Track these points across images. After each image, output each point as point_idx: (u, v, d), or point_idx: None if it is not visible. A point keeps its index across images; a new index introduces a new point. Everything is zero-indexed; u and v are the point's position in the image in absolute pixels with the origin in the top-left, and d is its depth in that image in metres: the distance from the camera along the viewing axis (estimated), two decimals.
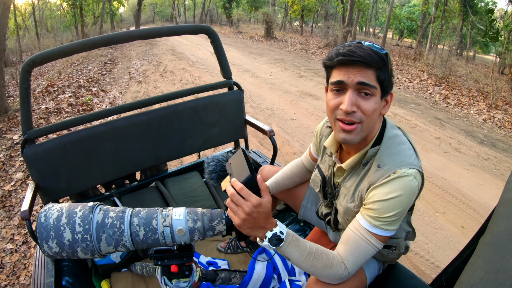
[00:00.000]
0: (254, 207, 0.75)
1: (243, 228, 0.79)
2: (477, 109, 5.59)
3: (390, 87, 0.85)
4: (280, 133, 4.08)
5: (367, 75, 0.79)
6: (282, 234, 0.80)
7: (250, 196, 0.76)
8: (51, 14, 25.40)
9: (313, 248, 0.84)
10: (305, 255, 0.83)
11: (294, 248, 0.82)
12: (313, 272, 0.86)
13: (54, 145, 1.45)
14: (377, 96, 0.81)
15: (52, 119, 4.54)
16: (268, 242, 0.80)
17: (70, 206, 0.76)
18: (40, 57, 1.34)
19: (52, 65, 9.23)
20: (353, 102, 0.79)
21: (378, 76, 0.80)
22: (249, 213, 0.75)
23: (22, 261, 2.18)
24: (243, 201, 0.76)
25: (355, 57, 0.77)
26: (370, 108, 0.80)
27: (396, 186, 0.81)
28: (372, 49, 0.79)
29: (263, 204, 0.76)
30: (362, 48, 0.78)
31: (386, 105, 0.88)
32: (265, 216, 0.78)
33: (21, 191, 2.93)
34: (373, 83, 0.79)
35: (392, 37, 24.41)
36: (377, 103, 0.82)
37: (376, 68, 0.79)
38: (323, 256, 0.84)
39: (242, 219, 0.77)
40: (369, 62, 0.77)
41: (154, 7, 36.65)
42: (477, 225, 2.49)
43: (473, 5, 11.64)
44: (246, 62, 8.80)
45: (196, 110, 1.83)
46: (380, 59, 0.78)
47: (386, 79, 0.82)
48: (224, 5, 22.51)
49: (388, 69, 0.82)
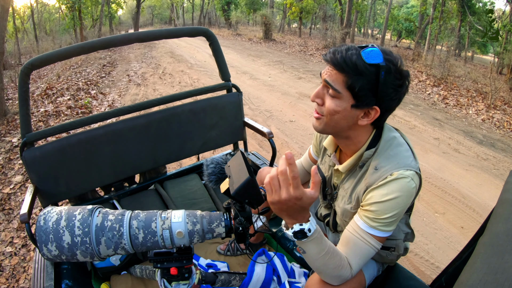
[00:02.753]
0: (294, 198, 0.70)
1: (273, 208, 0.76)
2: (476, 109, 5.60)
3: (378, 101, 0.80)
4: (279, 135, 4.09)
5: (335, 77, 0.80)
6: (310, 231, 0.77)
7: (298, 187, 0.69)
8: (49, 17, 25.41)
9: (331, 248, 0.83)
10: (323, 253, 0.81)
11: (315, 245, 0.80)
12: (323, 270, 0.84)
13: (53, 148, 1.45)
14: (343, 100, 0.80)
15: (51, 122, 4.54)
16: (291, 234, 0.78)
17: (69, 209, 0.76)
18: (39, 60, 1.34)
19: (51, 68, 9.22)
20: (318, 95, 0.86)
21: (347, 82, 0.78)
22: (287, 199, 0.70)
23: (22, 264, 2.17)
24: (287, 186, 0.70)
25: (327, 58, 0.81)
26: (329, 107, 0.82)
27: (393, 188, 0.81)
28: (355, 56, 0.76)
29: (304, 197, 0.70)
30: (346, 52, 0.78)
31: (366, 117, 0.83)
32: (301, 209, 0.74)
33: (20, 194, 2.92)
34: (337, 87, 0.80)
35: (390, 38, 24.48)
36: (340, 107, 0.81)
37: (346, 75, 0.78)
38: (337, 257, 0.83)
39: (276, 200, 0.72)
40: (339, 67, 0.78)
41: (152, 9, 36.69)
42: (476, 226, 2.49)
43: (471, 5, 11.70)
44: (244, 64, 8.81)
45: (195, 112, 1.84)
46: (352, 67, 0.76)
47: (360, 89, 0.77)
48: (223, 8, 22.58)
49: (373, 81, 0.77)
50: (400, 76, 0.79)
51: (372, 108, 0.82)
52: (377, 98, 0.79)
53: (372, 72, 0.76)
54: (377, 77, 0.77)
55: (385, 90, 0.78)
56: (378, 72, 0.76)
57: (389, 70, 0.77)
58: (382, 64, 0.76)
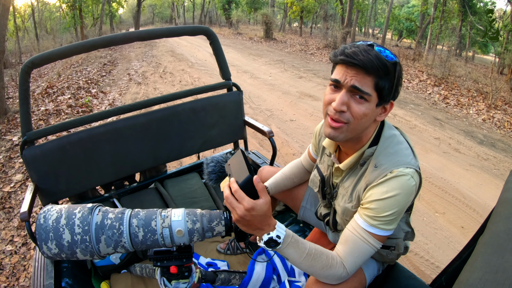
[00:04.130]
0: (247, 211, 0.74)
1: (240, 227, 0.80)
2: (477, 109, 5.60)
3: (392, 96, 0.83)
4: (280, 134, 4.09)
5: (364, 81, 0.78)
6: (279, 238, 0.80)
7: (243, 199, 0.74)
8: (50, 16, 25.40)
9: (313, 249, 0.84)
10: (304, 256, 0.83)
11: (293, 249, 0.82)
12: (312, 272, 0.86)
13: (53, 146, 1.45)
14: (371, 102, 0.80)
15: (51, 120, 4.54)
16: (264, 245, 0.81)
17: (69, 207, 0.76)
18: (40, 58, 1.34)
19: (52, 66, 9.23)
20: (343, 102, 0.80)
21: (376, 84, 0.78)
22: (242, 216, 0.75)
23: (22, 262, 2.17)
24: (236, 204, 0.75)
25: (356, 60, 0.76)
26: (359, 112, 0.80)
27: (393, 185, 0.81)
28: (379, 55, 0.77)
29: (257, 207, 0.74)
30: (368, 52, 0.76)
31: (384, 112, 0.86)
32: (261, 219, 0.77)
33: (21, 193, 2.93)
34: (367, 89, 0.78)
35: (391, 37, 24.46)
36: (369, 109, 0.80)
37: (375, 76, 0.78)
38: (322, 257, 0.84)
39: (236, 220, 0.77)
40: (368, 69, 0.76)
41: (153, 8, 36.70)
42: (476, 225, 2.49)
43: (472, 5, 11.67)
44: (245, 63, 8.81)
45: (196, 111, 1.84)
46: (383, 67, 0.76)
47: (386, 88, 0.79)
48: (223, 6, 22.57)
49: (393, 79, 0.80)
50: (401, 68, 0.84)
51: (389, 102, 0.85)
52: (393, 93, 0.83)
53: (393, 70, 0.80)
54: (395, 74, 0.80)
55: (398, 84, 0.83)
56: (396, 69, 0.80)
57: (401, 66, 0.82)
58: (398, 61, 0.81)
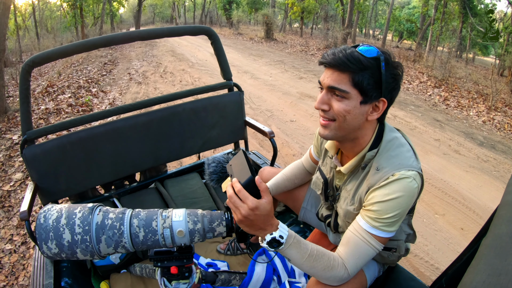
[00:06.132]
0: (251, 210, 0.74)
1: (243, 227, 0.79)
2: (477, 111, 5.60)
3: (383, 93, 0.82)
4: (280, 134, 4.08)
5: (339, 79, 0.80)
6: (282, 238, 0.80)
7: (247, 198, 0.75)
8: (51, 15, 25.42)
9: (314, 250, 0.84)
10: (306, 257, 0.82)
11: (295, 250, 0.82)
12: (314, 273, 0.86)
13: (53, 145, 1.45)
14: (352, 99, 0.81)
15: (51, 119, 4.54)
16: (267, 245, 0.80)
17: (70, 207, 0.76)
18: (40, 57, 1.34)
19: (52, 65, 9.23)
20: (323, 101, 0.84)
21: (352, 79, 0.79)
22: (246, 215, 0.75)
23: (21, 261, 2.17)
24: (240, 204, 0.75)
25: (328, 60, 0.81)
26: (340, 109, 0.82)
27: (395, 188, 0.81)
28: (353, 53, 0.79)
29: (260, 207, 0.75)
30: (343, 52, 0.79)
31: (375, 111, 0.85)
32: (264, 218, 0.77)
33: (20, 192, 2.92)
34: (344, 87, 0.80)
35: (391, 39, 24.46)
36: (350, 106, 0.81)
37: (350, 72, 0.79)
38: (324, 258, 0.84)
39: (239, 220, 0.77)
40: (340, 66, 0.79)
41: (154, 8, 36.69)
42: (476, 227, 2.49)
43: (473, 7, 11.67)
44: (246, 63, 8.80)
45: (196, 111, 1.83)
46: (355, 63, 0.78)
47: (367, 83, 0.79)
48: (224, 7, 22.57)
49: (377, 73, 0.80)
50: (396, 65, 0.84)
51: (379, 100, 0.84)
52: (382, 90, 0.82)
53: (374, 64, 0.80)
54: (379, 69, 0.80)
55: (387, 80, 0.82)
56: (379, 64, 0.80)
57: (387, 61, 0.81)
58: (381, 57, 0.80)
